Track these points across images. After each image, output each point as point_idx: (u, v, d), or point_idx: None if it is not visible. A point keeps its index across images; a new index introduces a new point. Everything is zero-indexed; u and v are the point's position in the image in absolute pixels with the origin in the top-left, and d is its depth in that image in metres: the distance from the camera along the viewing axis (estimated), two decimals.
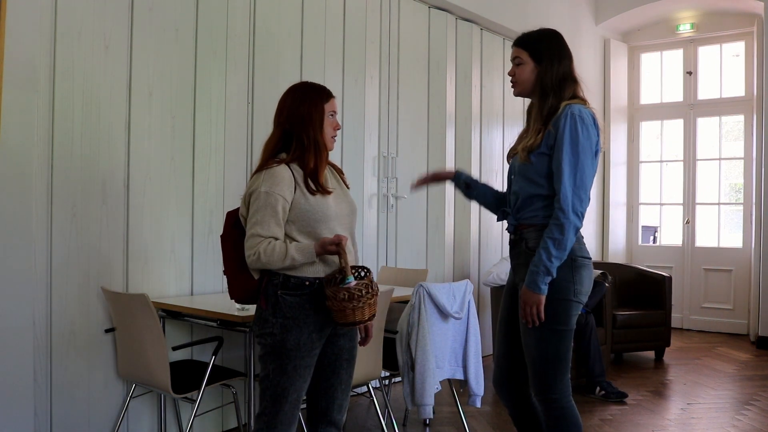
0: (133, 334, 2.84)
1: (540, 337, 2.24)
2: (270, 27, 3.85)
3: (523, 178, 2.30)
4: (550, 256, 2.15)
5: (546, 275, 2.16)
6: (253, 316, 2.78)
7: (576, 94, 2.29)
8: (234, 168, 3.66)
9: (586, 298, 2.26)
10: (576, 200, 2.17)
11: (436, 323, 3.23)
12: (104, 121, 3.10)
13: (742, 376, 5.02)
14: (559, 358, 2.24)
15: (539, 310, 2.18)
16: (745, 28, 6.72)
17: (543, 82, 2.28)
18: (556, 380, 2.25)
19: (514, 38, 2.41)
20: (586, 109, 2.24)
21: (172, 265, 3.37)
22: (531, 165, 2.25)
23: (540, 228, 2.24)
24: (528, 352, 2.29)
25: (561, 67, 2.28)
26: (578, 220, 2.18)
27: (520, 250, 2.31)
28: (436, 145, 5.08)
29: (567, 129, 2.17)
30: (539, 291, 2.17)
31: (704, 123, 7.07)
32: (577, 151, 2.17)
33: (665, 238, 7.34)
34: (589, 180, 2.21)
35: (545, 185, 2.24)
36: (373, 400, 3.16)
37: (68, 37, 2.96)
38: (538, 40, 2.33)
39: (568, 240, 2.16)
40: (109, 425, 3.11)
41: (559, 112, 2.22)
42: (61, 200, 2.95)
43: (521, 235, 2.31)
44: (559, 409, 2.25)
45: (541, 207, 2.26)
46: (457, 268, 5.30)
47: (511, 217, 2.38)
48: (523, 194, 2.30)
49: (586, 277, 2.26)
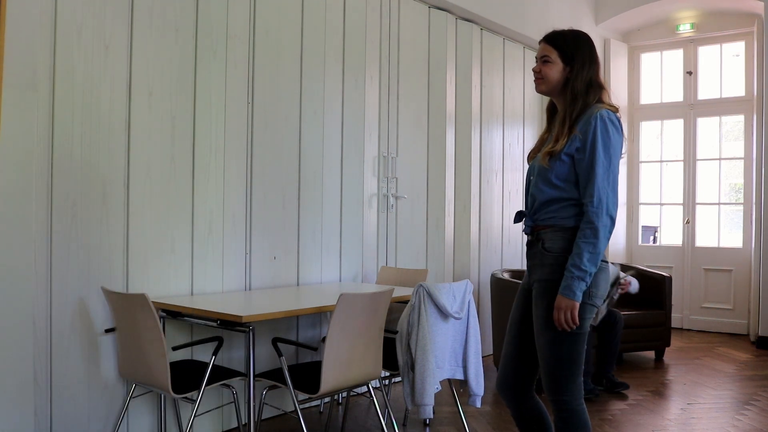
0: (133, 334, 2.84)
1: (553, 338, 2.24)
2: (270, 27, 3.85)
3: (542, 180, 2.30)
4: (585, 260, 2.14)
5: (581, 281, 2.15)
6: (252, 315, 2.79)
7: (602, 100, 2.29)
8: (234, 168, 3.66)
9: (601, 302, 2.26)
10: (610, 203, 2.18)
11: (436, 323, 3.22)
12: (104, 121, 3.10)
13: (742, 376, 5.02)
14: (571, 360, 2.25)
15: (573, 315, 2.17)
16: (745, 28, 6.72)
17: (572, 86, 2.28)
18: (568, 382, 2.25)
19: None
20: (614, 114, 2.25)
21: (172, 265, 3.37)
22: (551, 168, 2.26)
23: (557, 229, 2.25)
24: (541, 354, 2.29)
25: (590, 72, 2.29)
26: (611, 222, 2.18)
27: (536, 251, 2.32)
28: (436, 145, 5.08)
29: (599, 132, 2.17)
30: (574, 297, 2.16)
31: (704, 123, 7.07)
32: (609, 154, 2.18)
33: (665, 238, 7.34)
34: (617, 182, 2.23)
35: (565, 188, 2.24)
36: (373, 400, 3.16)
37: (68, 37, 2.96)
38: (571, 42, 2.32)
39: (602, 243, 2.16)
40: (109, 425, 3.11)
41: (586, 115, 2.23)
42: (61, 200, 2.95)
43: (538, 235, 2.32)
44: (569, 411, 2.26)
45: (558, 209, 2.26)
46: (457, 268, 5.30)
47: (528, 218, 2.38)
48: (542, 197, 2.29)
49: (602, 280, 2.26)
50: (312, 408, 4.03)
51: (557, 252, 2.23)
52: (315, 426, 3.75)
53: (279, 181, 3.91)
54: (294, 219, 4.01)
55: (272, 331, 3.71)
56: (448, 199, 5.14)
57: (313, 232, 4.13)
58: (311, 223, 4.12)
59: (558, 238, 2.23)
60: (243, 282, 3.72)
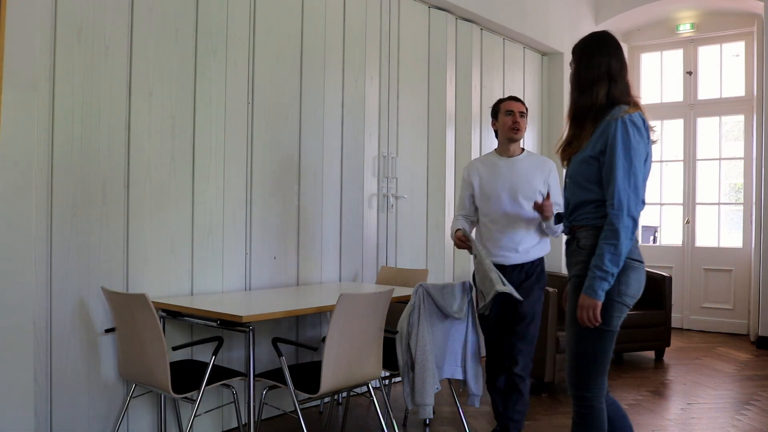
0: (133, 334, 2.84)
1: (580, 333, 2.30)
2: (270, 27, 3.85)
3: (573, 182, 2.39)
4: (606, 261, 2.19)
5: (603, 280, 2.20)
6: (252, 315, 2.78)
7: (613, 95, 2.31)
8: (234, 168, 3.66)
9: (632, 301, 2.29)
10: (631, 204, 2.21)
11: (436, 323, 3.22)
12: (104, 121, 3.10)
13: (742, 376, 5.02)
14: (596, 357, 2.29)
15: (595, 314, 2.22)
16: (745, 28, 6.72)
17: (572, 81, 2.39)
18: (590, 378, 2.30)
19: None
20: (637, 114, 2.26)
21: (172, 265, 3.37)
22: (580, 171, 2.33)
23: (591, 228, 2.31)
24: (569, 347, 2.36)
25: (591, 64, 2.34)
26: (633, 223, 2.22)
27: (572, 249, 2.40)
28: (436, 145, 5.08)
29: (619, 135, 2.21)
30: (596, 296, 2.21)
31: (704, 123, 7.07)
32: (630, 156, 2.21)
33: (665, 238, 7.34)
34: (641, 183, 2.25)
35: (595, 190, 2.30)
36: (373, 400, 3.16)
37: (68, 37, 2.96)
38: (579, 42, 2.45)
39: (623, 244, 2.20)
40: (109, 425, 3.11)
41: (608, 118, 2.26)
42: (61, 200, 2.95)
43: (574, 234, 2.39)
44: (589, 407, 2.31)
45: (591, 209, 2.32)
46: (457, 268, 5.30)
47: (565, 219, 2.47)
48: (575, 199, 2.38)
49: (634, 280, 2.28)
50: (312, 408, 4.03)
51: (589, 249, 2.30)
52: (315, 426, 3.75)
53: (279, 181, 3.91)
54: (294, 219, 4.01)
55: (272, 331, 3.71)
56: (448, 199, 5.14)
57: (313, 232, 4.13)
58: (311, 223, 4.12)
59: (591, 236, 2.30)
60: (243, 282, 3.72)
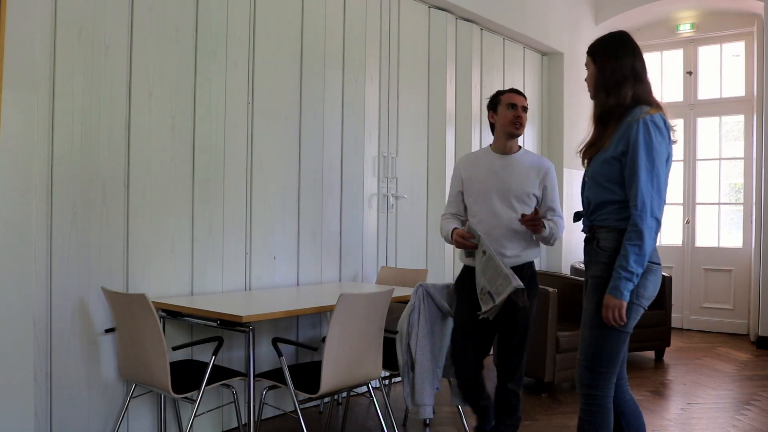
0: (133, 334, 2.84)
1: (597, 333, 2.31)
2: (270, 27, 3.85)
3: (594, 183, 2.37)
4: (631, 261, 2.20)
5: (628, 281, 2.21)
6: (252, 315, 2.78)
7: (638, 96, 2.30)
8: (234, 168, 3.66)
9: (648, 303, 2.31)
10: (654, 204, 2.21)
11: (436, 323, 3.23)
12: (104, 121, 3.10)
13: (742, 376, 5.02)
14: (610, 357, 2.31)
15: (621, 313, 2.23)
16: (745, 28, 6.72)
17: (596, 82, 2.37)
18: (603, 378, 2.32)
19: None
20: (658, 114, 2.27)
21: (172, 265, 3.37)
22: (602, 171, 2.32)
23: (611, 230, 2.31)
24: (583, 346, 2.37)
25: (617, 65, 2.32)
26: (657, 224, 2.22)
27: (592, 248, 2.40)
28: (436, 145, 5.08)
29: (641, 136, 2.22)
30: (622, 297, 2.22)
31: (704, 123, 7.07)
32: (652, 157, 2.22)
33: (665, 238, 7.33)
34: (664, 184, 2.26)
35: (616, 191, 2.30)
36: (373, 400, 3.16)
37: (68, 37, 2.96)
38: (598, 42, 2.43)
39: (647, 245, 2.20)
40: (109, 425, 3.11)
41: (629, 119, 2.26)
42: (61, 200, 2.95)
43: (594, 234, 2.39)
44: (599, 405, 2.32)
45: (612, 210, 2.32)
46: (457, 268, 5.29)
47: (585, 219, 2.46)
48: (596, 199, 2.37)
49: (651, 282, 2.30)
50: (312, 408, 4.03)
51: (610, 251, 2.29)
52: (315, 426, 3.75)
53: (279, 181, 3.91)
54: (294, 219, 4.01)
55: (272, 331, 3.71)
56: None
57: (313, 232, 4.13)
58: (311, 223, 4.12)
59: (612, 238, 2.30)
60: (243, 282, 3.72)
